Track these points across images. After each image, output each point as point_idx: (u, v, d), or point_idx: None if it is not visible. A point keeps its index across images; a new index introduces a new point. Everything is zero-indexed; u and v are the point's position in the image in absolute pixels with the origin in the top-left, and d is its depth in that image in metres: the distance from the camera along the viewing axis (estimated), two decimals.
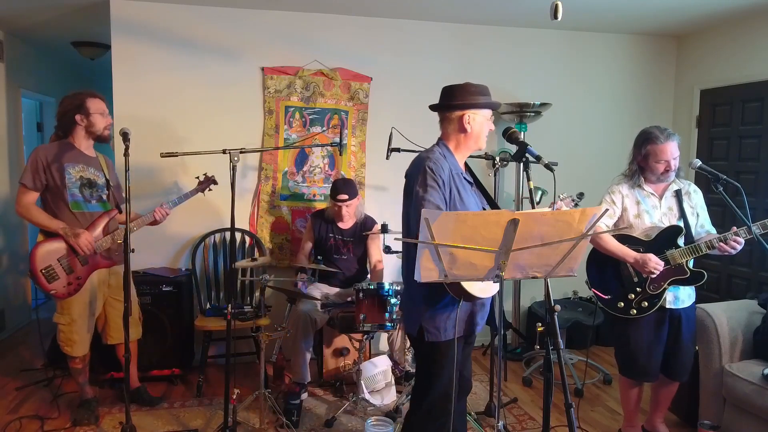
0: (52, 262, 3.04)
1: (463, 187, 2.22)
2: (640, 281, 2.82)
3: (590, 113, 4.81)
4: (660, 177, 2.83)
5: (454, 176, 2.19)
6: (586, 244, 1.80)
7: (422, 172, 2.14)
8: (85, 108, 3.12)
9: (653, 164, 2.80)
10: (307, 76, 4.24)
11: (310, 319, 3.46)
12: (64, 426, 3.24)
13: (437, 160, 2.17)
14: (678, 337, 2.86)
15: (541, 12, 4.00)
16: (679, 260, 2.76)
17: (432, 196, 2.08)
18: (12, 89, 5.00)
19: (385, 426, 3.02)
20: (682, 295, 2.86)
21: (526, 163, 2.11)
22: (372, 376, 3.57)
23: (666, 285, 2.79)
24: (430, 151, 2.24)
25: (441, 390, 2.19)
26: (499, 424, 2.02)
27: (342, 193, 3.72)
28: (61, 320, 3.15)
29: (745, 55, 4.34)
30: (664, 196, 2.88)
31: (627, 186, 2.90)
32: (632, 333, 2.85)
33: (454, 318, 2.16)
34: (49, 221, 3.09)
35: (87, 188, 3.17)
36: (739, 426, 2.92)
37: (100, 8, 4.04)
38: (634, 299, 2.82)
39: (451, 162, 2.24)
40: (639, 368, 2.87)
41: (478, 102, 2.24)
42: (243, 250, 4.24)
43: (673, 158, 2.78)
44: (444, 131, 2.31)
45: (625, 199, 2.88)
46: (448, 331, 2.18)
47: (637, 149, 2.87)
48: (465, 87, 2.26)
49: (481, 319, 2.29)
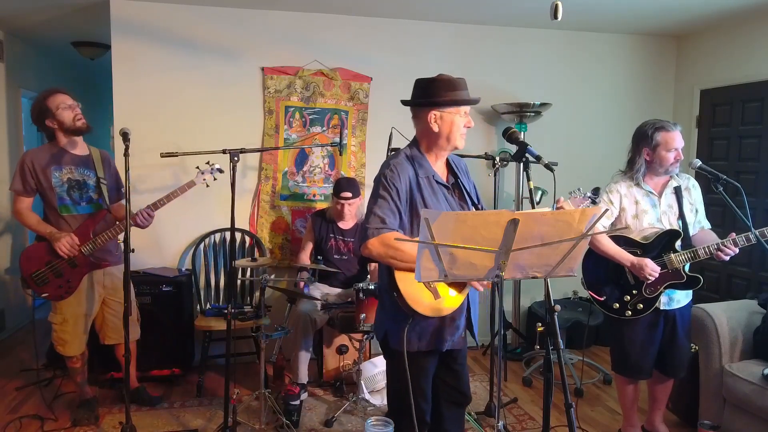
0: (41, 266, 3.05)
1: (431, 193, 2.13)
2: (636, 284, 2.80)
3: (590, 113, 4.81)
4: (669, 168, 2.78)
5: (419, 181, 2.12)
6: (586, 244, 1.80)
7: (377, 181, 2.12)
8: (48, 109, 3.03)
9: (664, 153, 2.74)
10: (307, 76, 4.24)
11: (310, 319, 3.46)
12: (64, 426, 3.24)
13: (396, 166, 2.12)
14: (673, 335, 2.86)
15: (541, 12, 4.00)
16: (677, 265, 2.74)
17: (379, 208, 2.06)
18: (12, 89, 5.00)
19: (385, 426, 3.01)
20: (678, 296, 2.85)
21: (526, 163, 2.10)
22: (372, 376, 3.57)
23: (662, 288, 2.77)
24: (396, 155, 2.18)
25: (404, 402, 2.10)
26: (499, 424, 2.01)
27: (346, 190, 3.72)
28: (54, 320, 3.16)
29: (745, 55, 4.34)
30: (663, 193, 2.84)
31: (625, 185, 2.85)
32: (626, 332, 2.85)
33: (419, 329, 2.13)
34: (38, 225, 3.09)
35: (75, 190, 3.13)
36: (739, 426, 2.92)
37: (100, 8, 4.04)
38: (629, 301, 2.82)
39: (421, 164, 2.16)
40: (632, 366, 2.88)
41: (443, 100, 2.09)
42: (243, 250, 4.24)
43: (681, 147, 2.76)
44: (416, 129, 2.22)
45: (624, 199, 2.84)
46: (412, 342, 2.12)
47: (644, 141, 2.78)
48: (433, 82, 2.12)
49: (450, 335, 2.17)
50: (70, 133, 3.11)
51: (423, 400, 2.21)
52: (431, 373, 2.26)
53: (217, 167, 3.29)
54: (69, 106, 3.07)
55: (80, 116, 3.10)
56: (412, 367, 2.07)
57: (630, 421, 3.06)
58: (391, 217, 2.06)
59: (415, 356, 2.13)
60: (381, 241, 2.03)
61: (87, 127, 3.12)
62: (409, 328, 2.08)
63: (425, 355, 2.18)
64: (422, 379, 2.21)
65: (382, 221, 2.04)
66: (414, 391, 2.09)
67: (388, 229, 2.04)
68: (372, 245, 2.04)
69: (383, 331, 2.22)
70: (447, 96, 2.10)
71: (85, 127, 3.12)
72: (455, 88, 2.11)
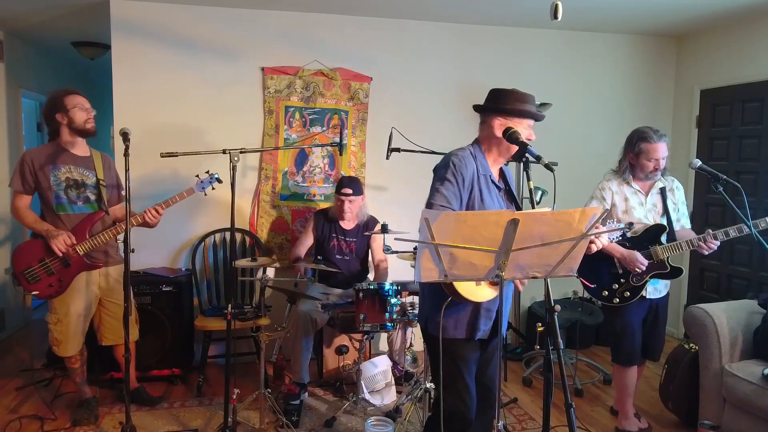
0: (34, 263, 3.04)
1: (488, 190, 2.20)
2: (624, 273, 3.04)
3: (590, 113, 4.81)
4: (648, 175, 3.03)
5: (479, 177, 2.19)
6: (586, 243, 1.80)
7: (444, 165, 2.17)
8: (63, 105, 3.08)
9: (644, 162, 2.99)
10: (307, 76, 4.24)
11: (311, 319, 3.46)
12: (64, 426, 3.24)
13: (463, 157, 2.19)
14: (656, 323, 3.15)
15: (541, 12, 4.00)
16: (661, 256, 2.98)
17: (445, 189, 2.12)
18: (12, 89, 5.00)
19: (385, 426, 3.02)
20: (659, 286, 3.12)
21: (526, 163, 2.11)
22: (372, 376, 3.57)
23: (648, 278, 3.02)
24: (461, 149, 2.26)
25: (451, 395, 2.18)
26: (499, 424, 2.01)
27: (347, 187, 3.72)
28: (50, 320, 3.16)
29: (745, 55, 4.34)
30: (649, 193, 3.10)
31: (616, 183, 3.10)
32: (617, 320, 3.11)
33: (455, 317, 2.17)
34: (35, 223, 3.09)
35: (73, 189, 3.14)
36: (739, 426, 2.92)
37: (100, 8, 4.04)
38: (617, 289, 3.05)
39: (481, 163, 2.22)
40: (626, 352, 3.11)
41: (510, 108, 2.19)
42: (243, 250, 4.24)
43: (662, 158, 2.98)
44: (480, 133, 2.31)
45: (615, 196, 3.08)
46: (448, 330, 2.19)
47: (629, 146, 3.05)
48: (504, 91, 2.23)
49: (484, 325, 2.22)
50: (77, 133, 3.14)
51: (467, 395, 2.21)
52: (472, 365, 2.25)
53: (216, 176, 3.29)
54: (85, 109, 3.13)
55: (92, 120, 3.16)
56: (452, 355, 2.18)
57: (625, 413, 3.24)
58: (454, 200, 2.11)
59: (452, 344, 2.19)
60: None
61: (95, 131, 3.18)
62: (446, 315, 2.14)
63: (463, 344, 2.21)
64: (464, 370, 2.21)
65: (448, 201, 2.10)
66: (456, 382, 2.17)
67: (451, 209, 2.09)
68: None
69: (424, 318, 2.29)
70: (515, 106, 2.19)
71: (93, 131, 3.17)
72: (523, 101, 2.21)
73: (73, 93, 3.13)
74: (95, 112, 3.19)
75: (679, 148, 4.94)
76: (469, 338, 2.22)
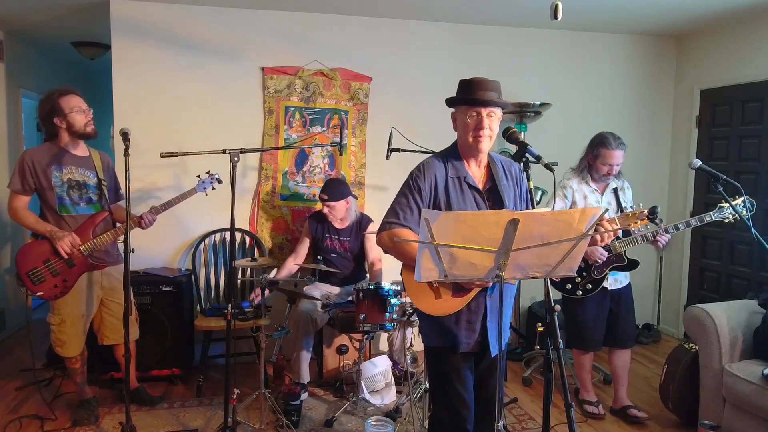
0: (38, 264, 3.03)
1: (458, 192, 2.13)
2: (586, 267, 3.25)
3: (590, 113, 4.81)
4: (601, 177, 3.28)
5: (447, 181, 2.14)
6: (586, 244, 1.80)
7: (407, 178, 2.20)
8: (60, 109, 3.02)
9: (599, 165, 3.23)
10: (307, 76, 4.24)
11: (311, 319, 3.46)
12: (64, 426, 3.24)
13: (425, 165, 2.18)
14: (618, 311, 3.36)
15: (541, 12, 4.00)
16: (619, 249, 3.20)
17: (398, 204, 2.16)
18: (12, 89, 5.00)
19: (385, 426, 3.02)
20: (620, 277, 3.36)
21: (526, 163, 2.10)
22: (372, 376, 3.57)
23: (607, 271, 3.25)
24: (433, 155, 2.25)
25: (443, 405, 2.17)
26: (499, 424, 2.02)
27: (323, 192, 3.76)
28: (52, 320, 3.15)
29: (745, 55, 4.34)
30: (605, 192, 3.35)
31: (576, 181, 3.33)
32: (579, 311, 3.34)
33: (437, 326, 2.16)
34: (37, 224, 3.07)
35: (75, 190, 3.13)
36: (739, 426, 2.92)
37: (100, 8, 4.04)
38: (580, 282, 3.29)
39: (453, 165, 2.16)
40: (586, 340, 3.38)
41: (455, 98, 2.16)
42: (243, 250, 4.24)
43: (616, 164, 3.20)
44: None
45: (575, 194, 3.30)
46: (432, 338, 2.20)
47: (591, 148, 3.29)
48: (461, 82, 2.18)
49: (466, 338, 2.13)
50: (77, 136, 3.12)
51: (461, 405, 2.15)
52: (464, 375, 2.17)
53: (216, 176, 3.31)
54: (83, 111, 3.08)
55: (91, 122, 3.12)
56: (444, 364, 2.17)
57: (586, 387, 3.53)
58: (408, 213, 2.11)
59: (438, 352, 2.19)
60: (390, 235, 2.13)
61: (95, 133, 3.15)
62: (431, 323, 2.17)
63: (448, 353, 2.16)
64: (454, 379, 2.15)
65: (396, 216, 2.13)
66: (448, 392, 2.16)
67: (400, 224, 2.11)
68: (381, 237, 2.17)
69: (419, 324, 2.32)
70: (459, 95, 2.16)
71: (94, 134, 3.15)
72: (467, 87, 2.13)
73: (68, 93, 3.06)
74: (92, 111, 3.14)
75: (679, 148, 4.94)
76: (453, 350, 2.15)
